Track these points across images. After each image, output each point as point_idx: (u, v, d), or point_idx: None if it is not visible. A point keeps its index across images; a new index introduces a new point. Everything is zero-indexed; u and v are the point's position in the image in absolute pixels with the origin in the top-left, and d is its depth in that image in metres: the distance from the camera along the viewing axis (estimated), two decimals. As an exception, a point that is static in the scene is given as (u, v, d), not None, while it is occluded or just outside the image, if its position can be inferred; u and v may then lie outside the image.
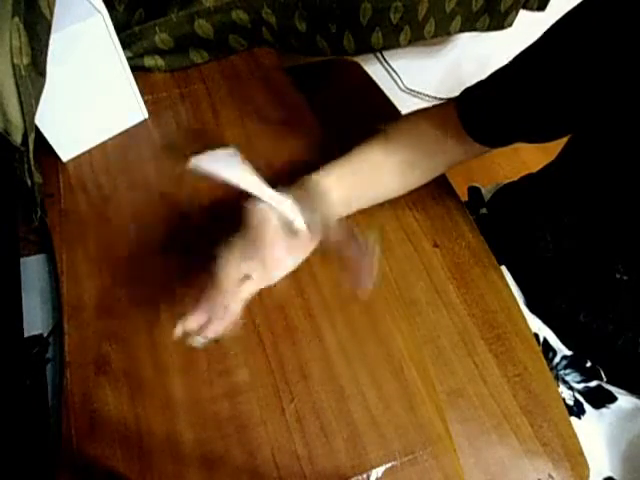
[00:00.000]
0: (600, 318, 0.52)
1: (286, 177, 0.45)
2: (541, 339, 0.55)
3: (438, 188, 0.60)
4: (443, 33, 0.91)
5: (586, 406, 0.53)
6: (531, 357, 0.50)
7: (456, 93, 0.52)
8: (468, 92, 0.50)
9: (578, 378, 0.54)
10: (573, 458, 0.45)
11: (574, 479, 0.44)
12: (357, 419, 0.45)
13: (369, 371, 0.48)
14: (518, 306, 0.53)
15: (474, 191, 0.73)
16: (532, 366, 0.49)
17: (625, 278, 0.47)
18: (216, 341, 0.47)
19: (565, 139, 0.53)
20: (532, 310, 0.58)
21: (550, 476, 0.44)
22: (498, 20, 0.96)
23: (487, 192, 0.73)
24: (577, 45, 0.40)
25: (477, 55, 1.17)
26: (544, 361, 0.50)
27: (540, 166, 0.62)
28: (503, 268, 0.59)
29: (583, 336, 0.54)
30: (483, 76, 0.49)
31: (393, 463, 0.44)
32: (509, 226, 0.63)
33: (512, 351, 0.50)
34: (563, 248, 0.54)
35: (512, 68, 0.46)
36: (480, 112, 0.48)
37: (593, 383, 0.54)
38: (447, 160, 0.53)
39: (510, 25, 0.99)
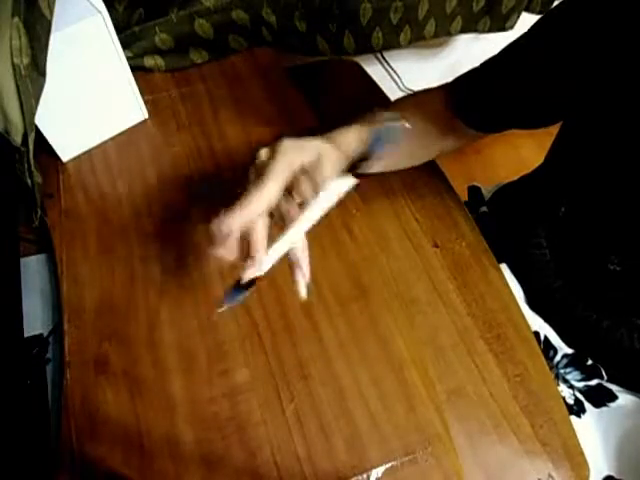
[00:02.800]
0: (597, 312, 0.52)
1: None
2: (542, 337, 0.55)
3: (438, 188, 0.60)
4: (444, 34, 0.91)
5: (586, 405, 0.53)
6: (531, 357, 0.50)
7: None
8: (461, 79, 0.51)
9: (579, 377, 0.54)
10: (573, 458, 0.45)
11: (574, 479, 0.44)
12: (357, 419, 0.45)
13: (369, 371, 0.48)
14: (518, 306, 0.53)
15: (474, 191, 0.73)
16: (532, 366, 0.49)
17: (618, 269, 0.47)
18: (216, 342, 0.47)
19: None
20: (532, 308, 0.58)
21: (550, 476, 0.44)
22: (499, 22, 0.96)
23: (487, 192, 0.73)
24: (570, 33, 0.40)
25: (477, 56, 1.17)
26: (544, 361, 0.50)
27: (541, 166, 0.62)
28: (503, 266, 0.59)
29: (582, 332, 0.54)
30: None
31: (393, 463, 0.44)
32: (508, 224, 0.63)
33: (512, 351, 0.50)
34: (558, 239, 0.54)
35: (506, 54, 0.47)
36: (473, 98, 0.49)
37: (593, 382, 0.54)
38: (436, 146, 0.53)
39: (512, 27, 0.99)
